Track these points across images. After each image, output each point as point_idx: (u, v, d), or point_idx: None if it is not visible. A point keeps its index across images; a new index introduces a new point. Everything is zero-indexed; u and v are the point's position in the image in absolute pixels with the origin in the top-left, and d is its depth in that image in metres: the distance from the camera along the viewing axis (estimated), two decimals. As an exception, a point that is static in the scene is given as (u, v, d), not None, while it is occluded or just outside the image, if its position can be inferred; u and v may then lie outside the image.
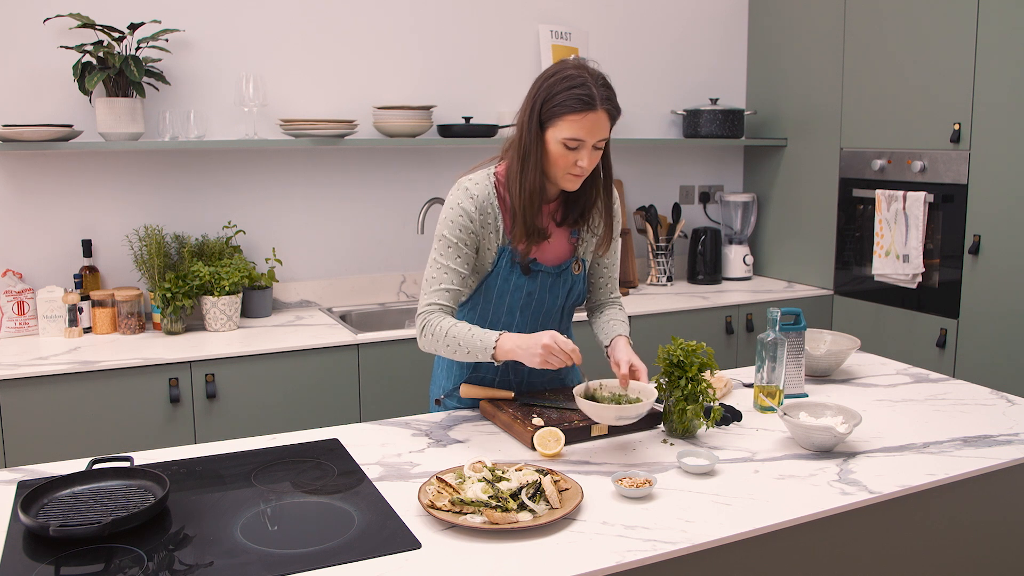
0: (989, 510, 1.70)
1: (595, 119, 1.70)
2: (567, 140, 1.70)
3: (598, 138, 1.72)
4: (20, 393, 2.34)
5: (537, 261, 1.87)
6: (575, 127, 1.69)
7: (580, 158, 1.72)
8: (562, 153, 1.72)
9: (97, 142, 2.73)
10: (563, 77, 1.71)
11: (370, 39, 3.21)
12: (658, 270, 3.70)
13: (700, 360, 1.79)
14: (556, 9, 3.54)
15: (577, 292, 1.94)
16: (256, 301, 3.01)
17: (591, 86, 1.70)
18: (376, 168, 3.29)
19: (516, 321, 1.91)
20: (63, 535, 1.30)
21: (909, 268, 3.16)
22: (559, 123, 1.70)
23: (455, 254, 1.80)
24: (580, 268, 1.92)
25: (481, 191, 1.82)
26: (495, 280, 1.86)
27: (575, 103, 1.68)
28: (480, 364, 1.95)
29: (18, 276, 2.77)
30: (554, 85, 1.71)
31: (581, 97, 1.68)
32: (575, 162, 1.72)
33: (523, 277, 1.85)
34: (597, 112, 1.70)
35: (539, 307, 1.91)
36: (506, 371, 1.97)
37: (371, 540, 1.32)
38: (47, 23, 2.73)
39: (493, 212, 1.82)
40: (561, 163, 1.73)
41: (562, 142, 1.71)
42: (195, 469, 1.63)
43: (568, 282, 1.91)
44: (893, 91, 3.21)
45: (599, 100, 1.69)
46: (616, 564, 1.26)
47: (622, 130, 3.72)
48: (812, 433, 1.68)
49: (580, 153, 1.72)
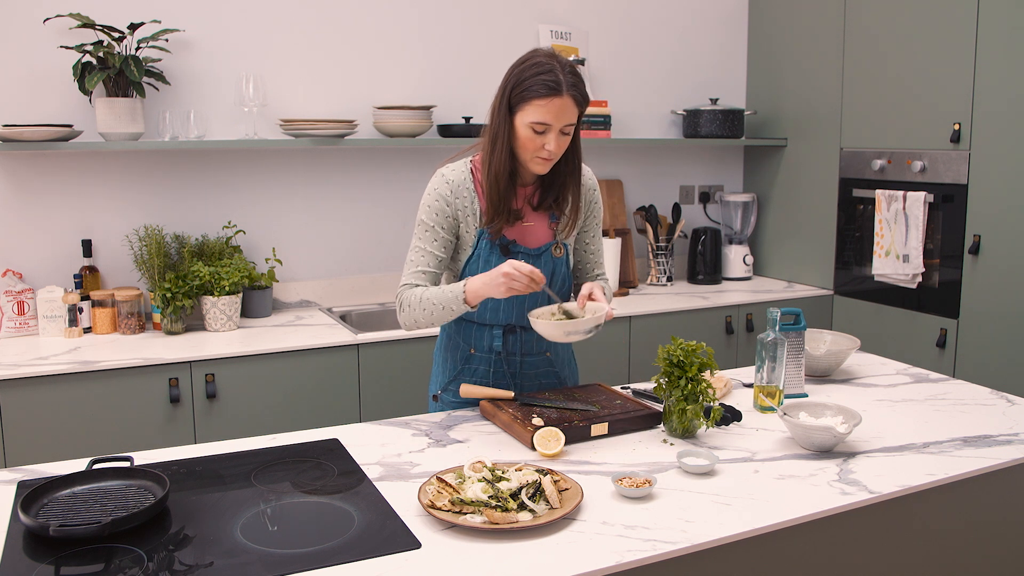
0: (989, 510, 1.70)
1: (561, 104, 1.76)
2: (534, 124, 1.77)
3: (564, 123, 1.78)
4: (20, 393, 2.34)
5: (517, 243, 1.92)
6: (541, 111, 1.76)
7: (547, 142, 1.79)
8: (530, 137, 1.79)
9: (97, 142, 2.73)
10: (532, 64, 1.79)
11: (370, 39, 3.21)
12: (658, 270, 3.70)
13: (700, 360, 1.79)
14: (556, 9, 3.54)
15: (561, 275, 1.97)
16: (256, 301, 3.01)
17: (558, 72, 1.76)
18: (376, 168, 3.29)
19: (502, 307, 1.94)
20: (63, 535, 1.30)
21: (909, 268, 3.16)
22: (527, 107, 1.77)
23: (432, 237, 1.89)
24: (561, 251, 1.96)
25: (457, 176, 1.91)
26: (476, 263, 1.91)
27: (542, 88, 1.75)
28: (472, 357, 1.98)
29: (18, 276, 2.77)
30: (524, 71, 1.79)
31: (548, 83, 1.75)
32: (543, 145, 1.79)
33: (502, 259, 1.89)
34: (563, 97, 1.76)
35: None
36: (500, 362, 1.98)
37: (371, 540, 1.32)
38: (47, 23, 2.73)
39: (469, 196, 1.90)
40: (529, 146, 1.80)
41: (530, 126, 1.78)
42: (195, 469, 1.63)
43: (549, 265, 1.94)
44: (893, 91, 3.21)
45: (565, 86, 1.76)
46: (616, 564, 1.26)
47: (622, 130, 3.72)
48: (812, 433, 1.68)
49: (547, 137, 1.78)
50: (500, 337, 1.97)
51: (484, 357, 1.98)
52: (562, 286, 1.98)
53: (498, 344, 1.97)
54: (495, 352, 1.98)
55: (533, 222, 1.94)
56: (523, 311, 1.95)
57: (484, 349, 1.98)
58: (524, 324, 1.96)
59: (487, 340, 1.97)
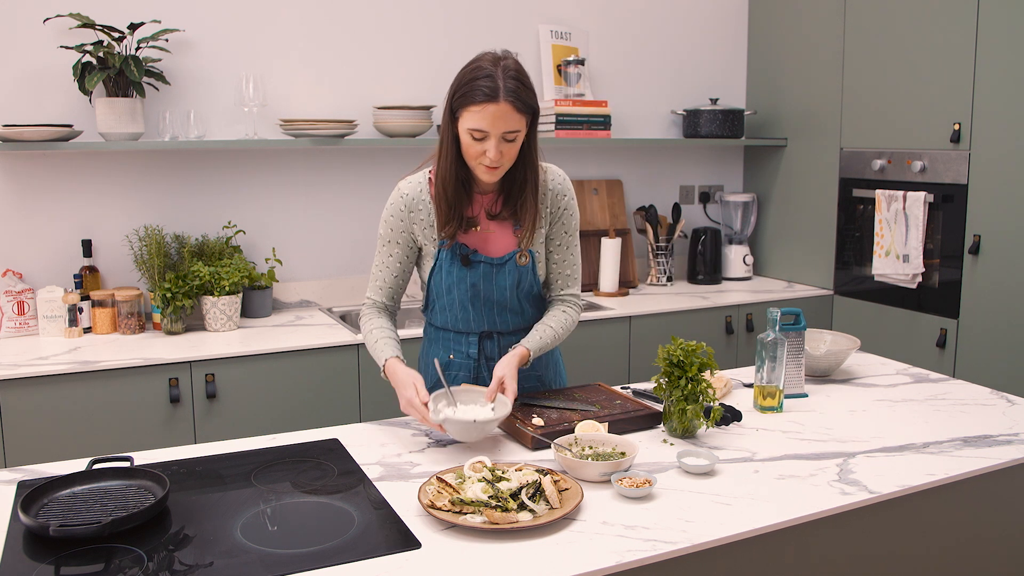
0: (989, 510, 1.70)
1: (497, 111, 1.70)
2: (472, 130, 1.73)
3: (504, 130, 1.72)
4: (20, 393, 2.34)
5: (478, 252, 1.90)
6: (476, 117, 1.72)
7: (488, 148, 1.74)
8: (470, 143, 1.76)
9: (97, 142, 2.73)
10: (473, 68, 1.75)
11: (370, 38, 3.21)
12: (658, 270, 3.70)
13: (700, 360, 1.79)
14: (556, 9, 3.54)
15: (528, 283, 1.94)
16: (256, 301, 3.01)
17: (497, 78, 1.71)
18: (376, 168, 3.28)
19: (472, 315, 1.94)
20: (63, 535, 1.30)
21: (909, 268, 3.16)
22: (464, 113, 1.74)
23: (388, 252, 1.93)
24: (527, 259, 1.92)
25: (412, 189, 1.90)
26: (439, 274, 1.91)
27: (478, 94, 1.71)
28: (452, 363, 2.00)
29: (18, 276, 2.77)
30: (464, 76, 1.75)
31: (483, 88, 1.70)
32: (483, 152, 1.75)
33: (464, 269, 1.89)
34: (499, 104, 1.70)
35: (488, 299, 1.93)
36: (479, 368, 1.98)
37: (371, 540, 1.32)
38: (47, 23, 2.73)
39: (426, 208, 1.89)
40: (471, 152, 1.77)
41: (468, 132, 1.74)
42: (195, 469, 1.63)
43: (514, 273, 1.91)
44: (893, 91, 3.21)
45: (503, 92, 1.70)
46: (616, 564, 1.26)
47: (622, 130, 3.72)
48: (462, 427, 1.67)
49: (486, 144, 1.74)
50: (475, 344, 1.97)
51: (463, 363, 1.99)
52: (529, 292, 1.96)
53: (473, 351, 1.97)
54: (472, 359, 1.98)
55: (495, 231, 1.91)
56: (495, 318, 1.95)
57: (462, 355, 1.98)
58: (499, 329, 1.96)
59: (464, 346, 1.98)
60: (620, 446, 1.62)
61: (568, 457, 1.56)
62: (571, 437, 1.65)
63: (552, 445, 1.61)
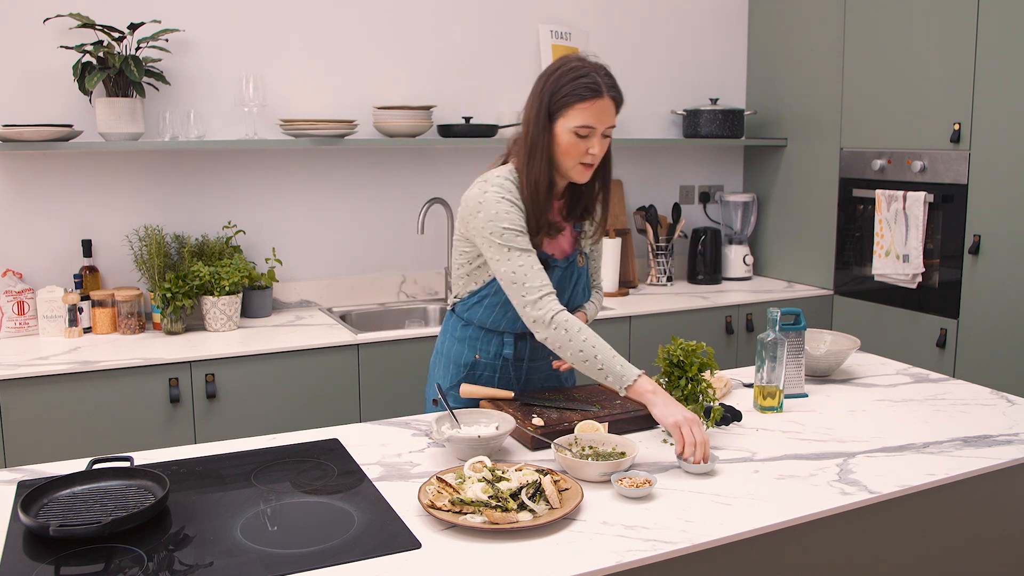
0: (989, 510, 1.70)
1: (603, 106, 1.77)
2: (578, 128, 1.76)
3: (606, 125, 1.79)
4: (20, 393, 2.34)
5: (555, 257, 1.92)
6: (585, 114, 1.76)
7: (591, 145, 1.79)
8: (573, 142, 1.78)
9: (97, 142, 2.73)
10: (568, 69, 1.79)
11: (370, 39, 3.21)
12: (658, 270, 3.70)
13: (700, 360, 1.79)
14: (556, 9, 3.54)
15: (583, 284, 1.99)
16: (256, 301, 3.01)
17: (596, 75, 1.78)
18: (376, 168, 3.29)
19: (517, 313, 1.91)
20: (63, 535, 1.30)
21: (909, 268, 3.16)
22: (569, 112, 1.77)
23: (525, 241, 1.79)
24: (584, 261, 1.98)
25: (511, 185, 1.83)
26: None
27: (584, 91, 1.75)
28: (478, 363, 1.97)
29: (18, 276, 2.77)
30: (560, 78, 1.78)
31: (589, 85, 1.76)
32: (587, 150, 1.79)
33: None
34: (604, 99, 1.77)
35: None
36: (507, 368, 1.97)
37: (371, 540, 1.32)
38: (47, 23, 2.73)
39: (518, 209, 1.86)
40: (573, 152, 1.79)
41: (573, 131, 1.77)
42: (195, 469, 1.63)
43: (575, 275, 1.96)
44: (893, 91, 3.21)
45: (605, 88, 1.77)
46: (616, 564, 1.26)
47: (622, 130, 3.72)
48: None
49: (591, 141, 1.79)
50: (511, 344, 1.96)
51: (489, 363, 1.97)
52: (584, 292, 2.00)
53: (508, 351, 1.96)
54: (503, 358, 1.97)
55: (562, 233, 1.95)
56: None
57: (490, 355, 1.97)
58: None
59: (495, 346, 1.96)
60: (620, 446, 1.63)
61: (568, 457, 1.56)
62: (571, 437, 1.65)
63: (552, 445, 1.61)
